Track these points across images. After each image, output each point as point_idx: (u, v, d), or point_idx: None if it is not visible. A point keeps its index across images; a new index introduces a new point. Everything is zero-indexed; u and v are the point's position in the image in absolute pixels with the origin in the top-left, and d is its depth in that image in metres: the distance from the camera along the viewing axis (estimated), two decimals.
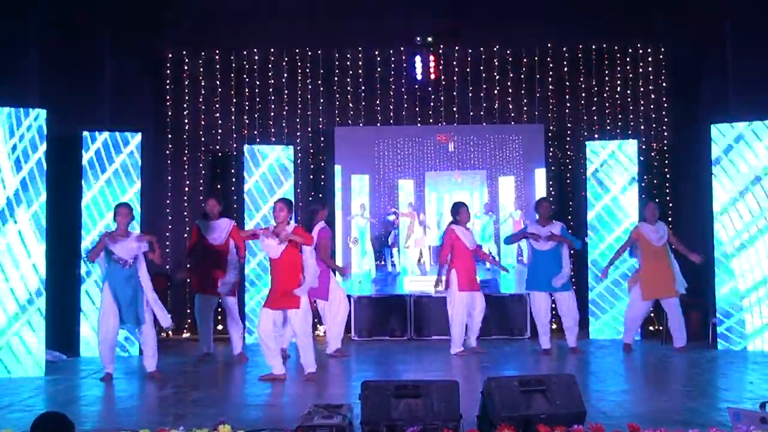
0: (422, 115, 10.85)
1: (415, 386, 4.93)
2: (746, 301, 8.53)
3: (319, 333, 10.23)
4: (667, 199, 10.60)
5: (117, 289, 7.12)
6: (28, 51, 8.58)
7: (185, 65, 10.75)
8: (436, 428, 4.67)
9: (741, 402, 5.72)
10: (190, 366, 8.12)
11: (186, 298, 10.44)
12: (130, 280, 7.18)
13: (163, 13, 10.48)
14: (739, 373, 7.21)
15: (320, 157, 10.82)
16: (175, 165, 10.71)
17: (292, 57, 10.80)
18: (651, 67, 10.71)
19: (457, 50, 10.80)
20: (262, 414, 5.70)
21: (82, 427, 5.16)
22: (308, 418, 4.72)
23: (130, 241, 7.23)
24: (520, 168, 10.45)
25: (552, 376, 5.16)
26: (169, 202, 10.64)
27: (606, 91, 10.75)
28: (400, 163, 10.57)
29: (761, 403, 4.83)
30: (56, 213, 7.93)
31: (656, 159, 10.69)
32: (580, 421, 4.76)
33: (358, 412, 4.95)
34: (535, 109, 10.78)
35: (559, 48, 10.76)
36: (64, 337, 8.58)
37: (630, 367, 7.94)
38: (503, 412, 4.72)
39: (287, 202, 7.25)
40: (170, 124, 10.70)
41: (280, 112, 10.75)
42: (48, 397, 6.54)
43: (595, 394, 6.23)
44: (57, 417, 4.16)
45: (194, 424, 4.90)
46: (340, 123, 10.77)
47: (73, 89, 9.16)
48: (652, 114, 10.70)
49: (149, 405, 6.23)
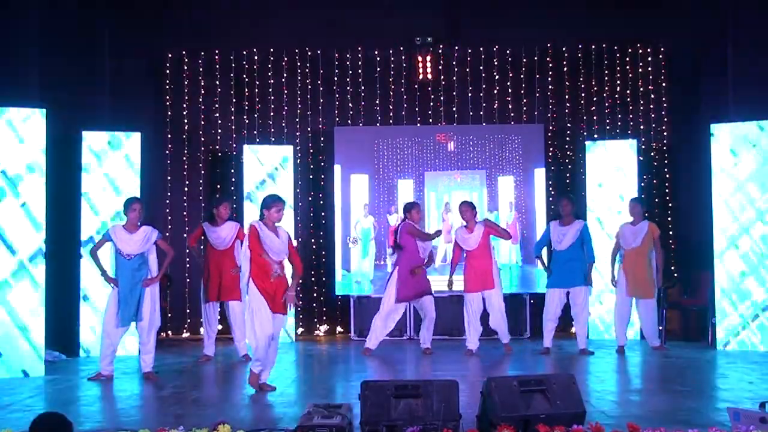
0: (422, 115, 10.86)
1: (414, 386, 4.93)
2: (747, 301, 8.54)
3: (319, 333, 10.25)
4: (667, 199, 10.61)
5: (122, 281, 7.14)
6: (28, 51, 8.58)
7: (185, 65, 10.76)
8: (436, 428, 4.67)
9: (741, 402, 5.72)
10: (190, 366, 8.12)
11: (186, 298, 10.45)
12: (136, 274, 7.18)
13: (163, 13, 10.48)
14: (739, 373, 7.20)
15: (320, 157, 10.82)
16: (174, 165, 10.71)
17: (292, 57, 10.81)
18: (651, 67, 10.71)
19: (457, 50, 10.80)
20: (262, 414, 5.70)
21: (81, 427, 5.16)
22: (308, 418, 4.72)
23: (137, 234, 7.21)
24: (520, 168, 10.45)
25: (552, 376, 5.16)
26: (169, 202, 10.65)
27: (606, 91, 10.75)
28: (400, 163, 10.57)
29: (761, 403, 4.84)
30: (56, 213, 7.93)
31: (656, 159, 10.69)
32: (579, 421, 4.76)
33: (357, 412, 4.95)
34: (535, 109, 10.78)
35: (559, 48, 10.77)
36: (64, 337, 8.58)
37: (630, 367, 7.94)
38: (503, 412, 4.72)
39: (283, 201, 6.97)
40: (170, 124, 10.70)
41: (280, 112, 10.76)
42: (48, 397, 6.53)
43: (595, 394, 6.24)
44: (55, 417, 4.16)
45: (194, 424, 4.90)
46: (340, 123, 10.77)
47: (73, 89, 9.17)
48: (652, 114, 10.70)
49: (149, 405, 6.23)
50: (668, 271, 10.38)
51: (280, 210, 6.50)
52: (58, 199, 8.09)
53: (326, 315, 10.71)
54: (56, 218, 7.95)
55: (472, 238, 8.58)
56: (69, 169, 8.73)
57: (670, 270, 10.39)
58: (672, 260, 10.47)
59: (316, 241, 10.73)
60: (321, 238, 10.74)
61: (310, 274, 10.64)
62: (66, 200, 8.64)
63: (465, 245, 8.63)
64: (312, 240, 10.74)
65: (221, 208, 8.30)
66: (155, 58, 10.71)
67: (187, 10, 10.60)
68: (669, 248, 10.49)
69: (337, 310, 10.65)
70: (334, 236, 10.52)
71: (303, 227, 10.67)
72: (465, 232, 8.64)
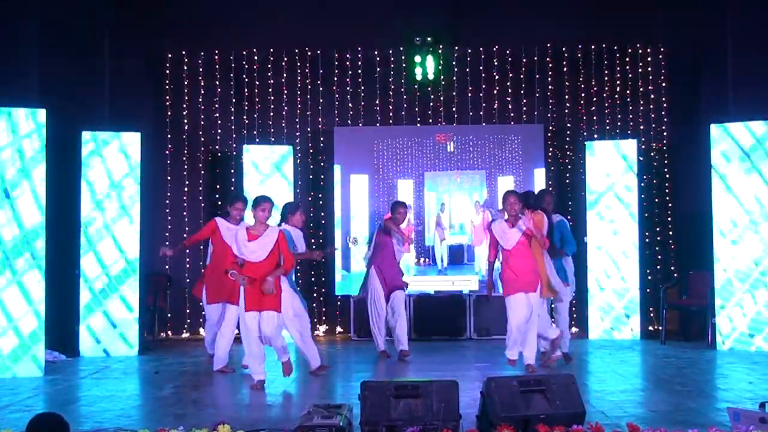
0: (422, 115, 10.86)
1: (414, 386, 4.92)
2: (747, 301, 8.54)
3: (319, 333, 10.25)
4: (667, 199, 10.61)
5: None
6: (28, 51, 8.59)
7: (185, 65, 10.76)
8: (436, 428, 4.67)
9: (740, 402, 5.72)
10: (190, 366, 8.12)
11: (186, 298, 10.44)
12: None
13: (163, 13, 10.48)
14: (739, 373, 7.20)
15: (320, 157, 10.82)
16: (174, 165, 10.71)
17: (292, 57, 10.81)
18: (651, 67, 10.70)
19: (457, 50, 10.80)
20: (262, 414, 5.70)
21: (81, 427, 5.16)
22: (308, 418, 4.72)
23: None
24: (520, 168, 10.45)
25: (551, 376, 5.16)
26: (169, 202, 10.65)
27: (606, 91, 10.75)
28: (400, 164, 10.57)
29: (761, 403, 4.84)
30: (56, 213, 7.92)
31: (656, 159, 10.69)
32: (579, 421, 4.76)
33: (357, 412, 4.95)
34: (535, 109, 10.77)
35: (559, 48, 10.76)
36: (64, 337, 8.58)
37: (629, 367, 7.93)
38: (503, 412, 4.72)
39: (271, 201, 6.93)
40: (170, 124, 10.70)
41: (280, 112, 10.76)
42: (47, 397, 6.53)
43: (595, 394, 6.24)
44: (52, 417, 4.16)
45: (194, 424, 4.90)
46: (340, 123, 10.77)
47: (73, 89, 9.17)
48: (652, 114, 10.70)
49: (149, 405, 6.23)
50: (668, 271, 10.42)
51: (264, 210, 6.71)
52: (57, 200, 8.08)
53: (326, 315, 10.71)
54: (56, 218, 7.95)
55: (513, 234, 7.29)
56: (69, 169, 8.73)
57: (670, 270, 10.41)
58: (672, 260, 10.48)
59: (316, 241, 10.72)
60: (321, 238, 10.73)
61: (310, 274, 10.64)
62: (65, 200, 8.64)
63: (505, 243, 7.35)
64: (312, 240, 10.73)
65: (238, 206, 7.62)
66: (155, 58, 10.71)
67: (187, 10, 10.59)
68: (669, 248, 10.50)
69: (337, 310, 10.66)
70: (334, 236, 10.52)
71: (303, 227, 10.63)
72: (506, 226, 7.37)
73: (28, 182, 7.42)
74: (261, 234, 6.67)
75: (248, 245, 6.66)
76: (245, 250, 6.66)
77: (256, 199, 6.85)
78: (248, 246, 6.66)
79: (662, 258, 10.49)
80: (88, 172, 8.79)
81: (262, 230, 6.69)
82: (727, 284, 8.64)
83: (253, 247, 6.65)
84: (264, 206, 6.74)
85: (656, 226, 10.53)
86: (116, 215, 8.79)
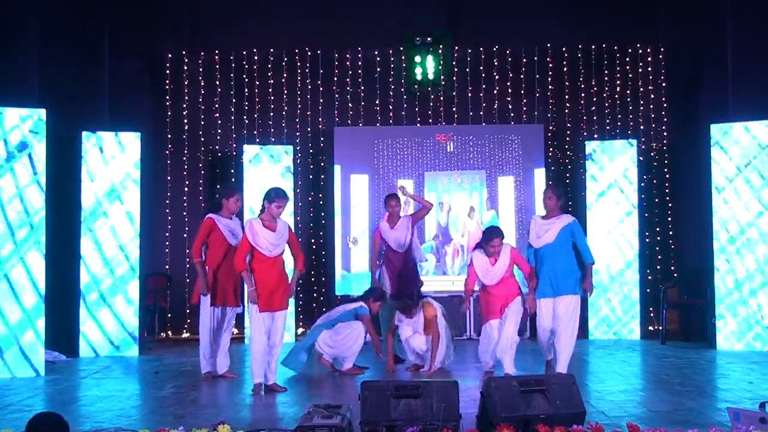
0: (422, 115, 10.86)
1: (414, 386, 4.93)
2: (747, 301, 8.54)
3: None
4: (667, 199, 10.61)
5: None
6: (28, 51, 8.58)
7: (185, 65, 10.76)
8: (436, 428, 4.67)
9: (740, 402, 5.72)
10: (189, 366, 8.11)
11: (186, 298, 10.43)
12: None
13: (163, 14, 10.49)
14: (739, 373, 7.20)
15: (320, 157, 10.82)
16: (174, 165, 10.71)
17: (292, 57, 10.81)
18: (651, 67, 10.71)
19: (457, 50, 10.80)
20: (262, 414, 5.70)
21: (81, 427, 5.16)
22: (308, 418, 4.72)
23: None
24: (520, 168, 10.45)
25: (551, 376, 5.17)
26: (169, 202, 10.65)
27: (606, 91, 10.75)
28: (400, 163, 10.57)
29: (761, 403, 4.84)
30: (56, 213, 7.92)
31: (656, 159, 10.69)
32: (579, 422, 4.76)
33: (357, 412, 4.95)
34: (535, 109, 10.78)
35: (559, 48, 10.76)
36: (64, 337, 8.58)
37: (629, 367, 7.93)
38: (503, 413, 4.72)
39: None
40: (170, 124, 10.71)
41: (280, 112, 10.76)
42: (47, 397, 6.53)
43: (595, 394, 6.24)
44: (52, 417, 4.16)
45: (194, 424, 4.90)
46: (340, 123, 10.77)
47: (73, 89, 9.16)
48: (652, 114, 10.70)
49: (149, 405, 6.22)
50: (668, 271, 10.42)
51: (281, 206, 6.44)
52: (57, 200, 8.08)
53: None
54: (56, 218, 7.94)
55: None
56: (69, 169, 8.72)
57: (670, 270, 10.41)
58: (672, 260, 10.47)
59: (316, 241, 10.72)
60: (321, 238, 10.73)
61: (310, 274, 10.64)
62: (65, 201, 8.63)
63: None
64: (312, 240, 10.74)
65: (235, 198, 7.38)
66: (155, 58, 10.71)
67: (187, 10, 10.60)
68: (669, 248, 10.50)
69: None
70: (334, 236, 10.52)
71: (303, 227, 10.66)
72: (488, 263, 7.12)
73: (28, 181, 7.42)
74: (276, 228, 6.44)
75: (269, 239, 6.35)
76: (267, 243, 6.34)
77: (275, 193, 6.46)
78: (270, 240, 6.35)
79: (662, 258, 10.49)
80: (88, 172, 8.79)
81: (275, 224, 6.46)
82: (727, 284, 8.64)
83: (275, 240, 6.38)
84: (280, 203, 6.41)
85: (656, 226, 10.53)
86: (116, 215, 8.78)
